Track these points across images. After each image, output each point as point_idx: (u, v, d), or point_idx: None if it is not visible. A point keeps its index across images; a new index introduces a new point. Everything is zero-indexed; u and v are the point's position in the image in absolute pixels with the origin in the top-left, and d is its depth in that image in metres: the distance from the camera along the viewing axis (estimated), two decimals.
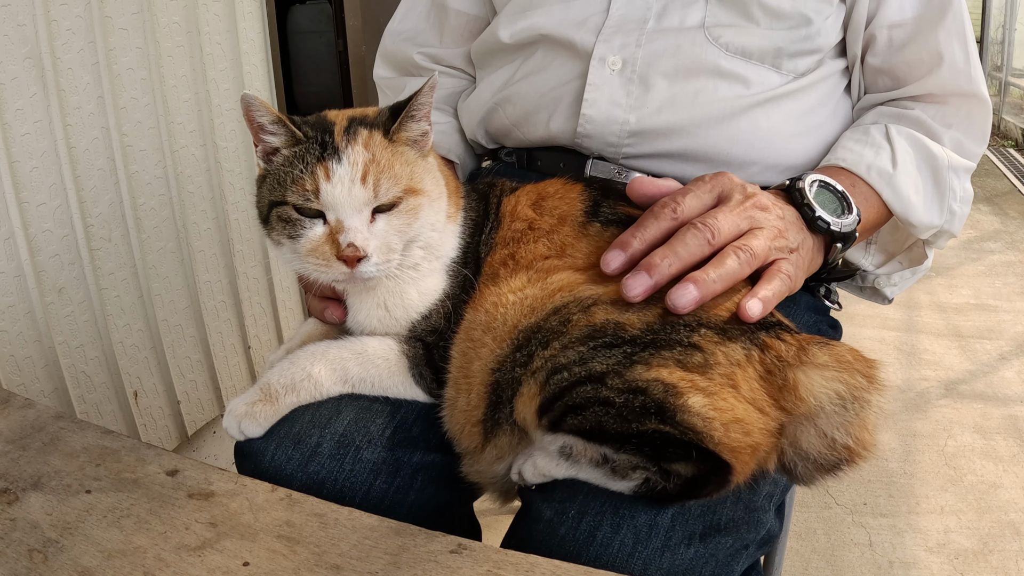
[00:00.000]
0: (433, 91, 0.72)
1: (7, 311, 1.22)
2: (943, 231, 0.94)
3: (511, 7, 1.01)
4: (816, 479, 0.67)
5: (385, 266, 0.71)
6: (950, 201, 0.92)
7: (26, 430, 0.73)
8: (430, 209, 0.73)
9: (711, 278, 0.68)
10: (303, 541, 0.60)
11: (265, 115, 0.71)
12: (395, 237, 0.71)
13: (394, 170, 0.70)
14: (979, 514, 1.72)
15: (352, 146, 0.70)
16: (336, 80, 2.57)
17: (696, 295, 0.67)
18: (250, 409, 0.75)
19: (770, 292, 0.70)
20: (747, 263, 0.71)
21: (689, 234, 0.71)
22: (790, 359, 0.65)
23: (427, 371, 0.78)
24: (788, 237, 0.76)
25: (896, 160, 0.89)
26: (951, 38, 0.91)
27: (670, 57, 0.91)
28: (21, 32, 1.18)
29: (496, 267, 0.78)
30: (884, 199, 0.89)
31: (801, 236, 0.78)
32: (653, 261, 0.69)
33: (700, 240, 0.71)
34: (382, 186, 0.69)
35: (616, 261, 0.71)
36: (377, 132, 0.72)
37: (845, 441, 0.64)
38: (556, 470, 0.69)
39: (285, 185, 0.70)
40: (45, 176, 1.24)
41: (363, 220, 0.70)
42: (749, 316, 0.68)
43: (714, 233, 0.71)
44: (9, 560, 0.58)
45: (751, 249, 0.71)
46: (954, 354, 2.41)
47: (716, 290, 0.69)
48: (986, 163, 4.47)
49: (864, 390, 0.65)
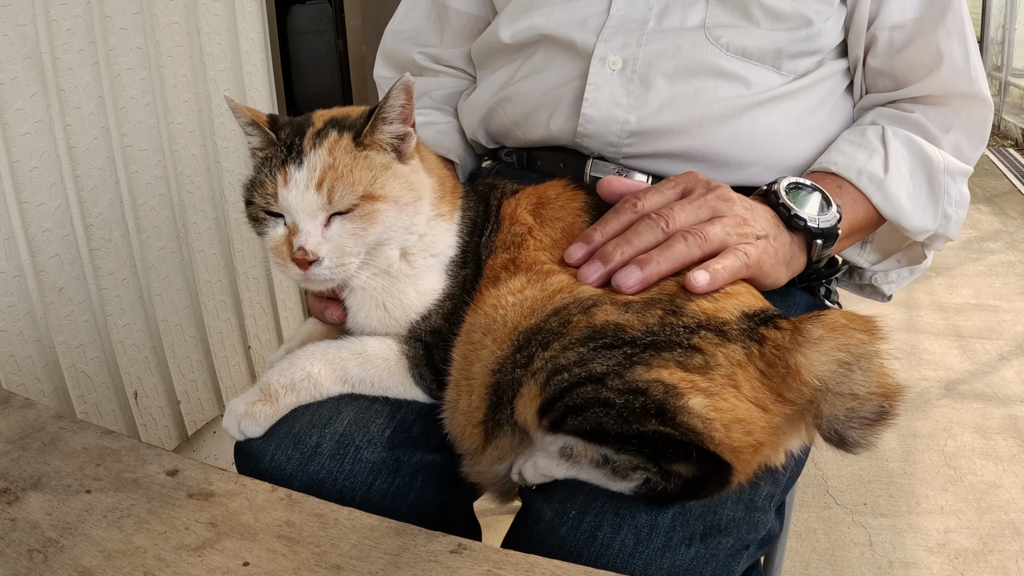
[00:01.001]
0: (405, 92, 0.71)
1: (7, 311, 1.22)
2: (938, 235, 0.94)
3: (512, 7, 1.01)
4: (869, 437, 0.64)
5: (339, 270, 0.71)
6: (945, 205, 0.92)
7: (26, 430, 0.73)
8: (397, 214, 0.73)
9: (656, 259, 0.72)
10: (303, 541, 0.60)
11: (242, 117, 0.74)
12: (350, 241, 0.71)
13: (352, 176, 0.70)
14: (979, 514, 1.72)
15: (316, 151, 0.71)
16: (336, 80, 2.57)
17: (639, 275, 0.71)
18: (250, 409, 0.75)
19: (720, 266, 0.72)
20: (697, 245, 0.73)
21: (643, 224, 0.75)
22: (787, 344, 0.65)
23: (427, 371, 0.78)
24: (754, 225, 0.77)
25: (888, 164, 0.89)
26: (951, 38, 0.91)
27: (670, 57, 0.91)
28: (21, 32, 1.18)
29: (497, 271, 0.78)
30: (874, 204, 0.89)
31: (776, 230, 0.79)
32: (607, 250, 0.73)
33: (654, 229, 0.74)
34: (336, 192, 0.70)
35: (578, 253, 0.75)
36: (347, 135, 0.72)
37: (870, 390, 0.63)
38: (557, 471, 0.69)
39: (255, 186, 0.73)
40: (45, 176, 1.24)
41: (316, 224, 0.70)
42: (693, 285, 0.70)
43: (668, 222, 0.74)
44: (9, 560, 0.58)
45: (703, 233, 0.74)
46: (954, 354, 2.41)
47: (662, 271, 0.72)
48: (986, 163, 4.47)
49: (866, 344, 0.64)
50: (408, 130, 0.74)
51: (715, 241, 0.74)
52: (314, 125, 0.74)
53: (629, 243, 0.73)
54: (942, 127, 0.93)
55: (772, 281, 0.80)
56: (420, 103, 1.15)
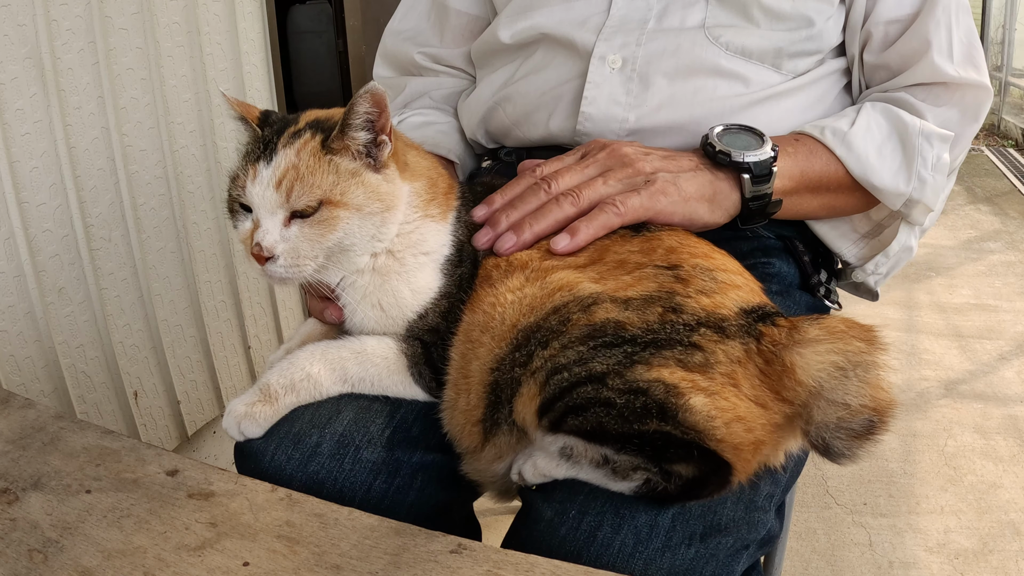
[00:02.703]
0: (371, 101, 0.71)
1: (7, 311, 1.22)
2: (914, 200, 0.90)
3: (512, 7, 1.01)
4: (855, 449, 0.64)
5: (294, 271, 0.72)
6: (920, 168, 0.88)
7: (26, 430, 0.73)
8: (359, 223, 0.73)
9: (528, 223, 0.78)
10: (303, 541, 0.60)
11: (232, 112, 0.77)
12: (305, 244, 0.72)
13: (313, 179, 0.71)
14: (979, 514, 1.72)
15: (285, 150, 0.72)
16: (336, 80, 2.58)
17: (514, 240, 0.78)
18: (249, 410, 0.75)
19: (585, 224, 0.77)
20: (571, 204, 0.79)
21: (529, 189, 0.81)
22: (784, 341, 0.65)
23: (426, 370, 0.78)
24: (647, 170, 0.81)
25: (856, 122, 0.89)
26: (939, 27, 0.90)
27: (670, 56, 0.91)
28: (21, 32, 1.18)
29: (489, 269, 0.78)
30: (838, 156, 0.88)
31: (694, 168, 0.83)
32: (496, 216, 0.80)
33: (537, 193, 0.81)
34: (294, 193, 0.71)
35: (480, 211, 0.82)
36: (318, 138, 0.73)
37: (862, 402, 0.62)
38: (556, 470, 0.69)
39: (233, 178, 0.75)
40: (45, 176, 1.24)
41: (276, 223, 0.71)
42: (553, 248, 0.76)
43: (551, 184, 0.81)
44: (9, 560, 0.58)
45: (577, 192, 0.80)
46: (954, 354, 2.41)
47: (537, 232, 0.78)
48: (986, 163, 4.47)
49: (864, 353, 0.64)
50: (383, 139, 0.74)
51: (590, 198, 0.79)
52: (296, 124, 0.74)
53: (515, 208, 0.80)
54: (932, 103, 0.92)
55: (694, 218, 0.82)
56: (420, 103, 1.15)
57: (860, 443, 0.64)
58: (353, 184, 0.72)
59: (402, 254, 0.77)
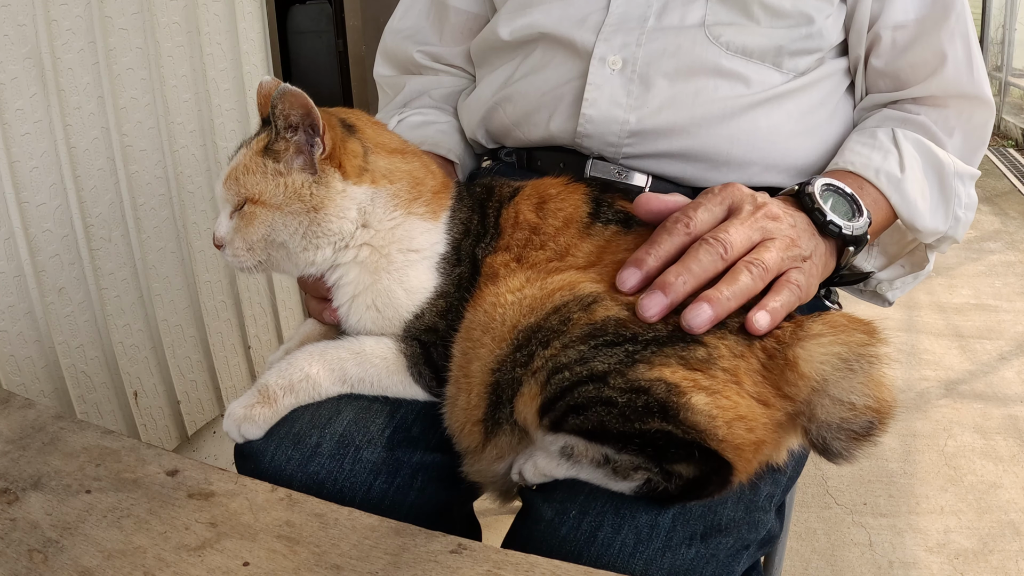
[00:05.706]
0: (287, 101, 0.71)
1: (7, 311, 1.22)
2: (947, 237, 0.94)
3: (511, 4, 1.01)
4: (853, 449, 0.64)
5: (235, 260, 0.77)
6: (955, 207, 0.92)
7: (26, 430, 0.73)
8: (283, 221, 0.74)
9: (724, 296, 0.67)
10: (303, 541, 0.60)
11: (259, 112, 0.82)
12: (237, 237, 0.76)
13: (245, 178, 0.75)
14: (979, 514, 1.72)
15: (242, 149, 0.77)
16: (336, 80, 2.58)
17: (711, 314, 0.66)
18: (249, 412, 0.75)
19: (778, 303, 0.70)
20: (760, 277, 0.70)
21: (702, 250, 0.70)
22: (787, 338, 0.66)
23: (426, 369, 0.78)
24: (800, 245, 0.75)
25: (904, 165, 0.89)
26: (954, 39, 0.91)
27: (670, 56, 0.91)
28: (21, 32, 1.18)
29: (496, 268, 0.78)
30: (892, 204, 0.89)
31: (813, 243, 0.77)
32: (667, 280, 0.68)
33: (713, 255, 0.70)
34: (231, 189, 0.76)
35: (632, 279, 0.70)
36: (264, 139, 0.76)
37: (865, 401, 0.62)
38: (557, 470, 0.69)
39: None
40: (45, 176, 1.24)
41: (225, 215, 0.77)
42: (756, 329, 0.67)
43: (727, 248, 0.70)
44: (9, 560, 0.58)
45: (763, 263, 0.70)
46: (954, 354, 2.41)
47: (730, 308, 0.68)
48: (986, 163, 4.47)
49: (867, 345, 0.64)
50: (315, 140, 0.74)
51: (774, 270, 0.71)
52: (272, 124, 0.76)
53: (689, 271, 0.69)
54: (945, 129, 0.93)
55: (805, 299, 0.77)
56: (419, 102, 1.15)
57: (859, 444, 0.64)
58: (274, 184, 0.74)
59: (387, 249, 0.77)
